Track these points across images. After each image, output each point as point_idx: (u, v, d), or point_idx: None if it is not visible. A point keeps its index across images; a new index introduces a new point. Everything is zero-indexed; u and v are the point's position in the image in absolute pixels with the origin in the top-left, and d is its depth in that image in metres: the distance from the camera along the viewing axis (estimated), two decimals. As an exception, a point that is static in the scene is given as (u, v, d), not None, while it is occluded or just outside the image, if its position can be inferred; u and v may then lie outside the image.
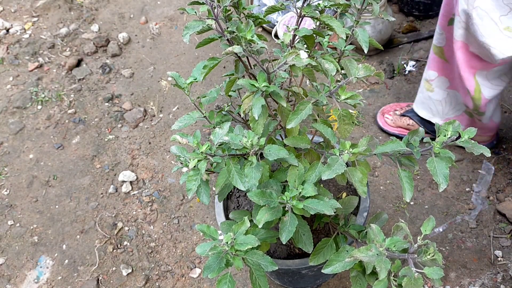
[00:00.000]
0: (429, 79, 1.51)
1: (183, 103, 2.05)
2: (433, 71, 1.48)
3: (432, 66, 1.48)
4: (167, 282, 1.50)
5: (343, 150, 0.76)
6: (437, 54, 1.43)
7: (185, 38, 0.72)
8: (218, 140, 0.73)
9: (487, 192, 1.58)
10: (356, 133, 1.83)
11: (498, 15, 1.11)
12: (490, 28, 1.13)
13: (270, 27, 2.26)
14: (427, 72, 1.52)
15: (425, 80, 1.54)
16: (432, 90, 1.52)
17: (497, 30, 1.13)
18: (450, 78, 1.45)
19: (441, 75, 1.46)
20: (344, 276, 1.44)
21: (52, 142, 1.95)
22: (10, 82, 2.21)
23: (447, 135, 0.74)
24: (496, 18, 1.12)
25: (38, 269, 1.57)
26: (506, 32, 1.13)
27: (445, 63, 1.42)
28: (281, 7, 0.84)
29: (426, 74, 1.53)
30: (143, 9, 2.56)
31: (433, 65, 1.47)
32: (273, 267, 0.76)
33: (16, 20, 2.55)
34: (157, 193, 1.73)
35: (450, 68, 1.42)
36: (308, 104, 0.76)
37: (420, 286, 0.67)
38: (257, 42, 0.72)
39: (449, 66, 1.41)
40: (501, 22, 1.12)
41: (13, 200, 1.77)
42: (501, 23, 1.12)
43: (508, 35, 1.13)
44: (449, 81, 1.46)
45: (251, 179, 0.74)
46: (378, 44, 0.92)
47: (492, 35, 1.14)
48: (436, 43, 1.43)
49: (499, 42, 1.14)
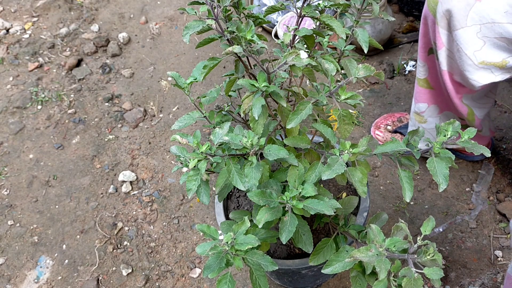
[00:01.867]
0: (420, 112, 1.49)
1: (183, 103, 2.05)
2: (422, 103, 1.46)
3: (420, 99, 1.46)
4: (167, 282, 1.50)
5: (343, 150, 0.76)
6: (422, 86, 1.43)
7: (185, 38, 0.72)
8: (218, 140, 0.73)
9: (487, 192, 1.58)
10: (356, 133, 1.83)
11: (472, 51, 1.14)
12: (466, 63, 1.16)
13: (270, 27, 2.26)
14: (415, 105, 1.50)
15: (415, 114, 1.52)
16: (425, 122, 1.51)
17: (472, 65, 1.16)
18: (440, 102, 1.44)
19: (431, 104, 1.45)
20: (344, 276, 1.44)
21: (52, 142, 1.95)
22: (10, 82, 2.21)
23: (447, 135, 0.74)
24: (471, 54, 1.14)
25: (38, 269, 1.57)
26: (481, 65, 1.16)
27: (432, 91, 1.42)
28: (281, 7, 0.84)
29: (415, 107, 1.51)
30: (143, 9, 2.56)
31: (421, 97, 1.46)
32: (273, 267, 0.76)
33: (16, 20, 2.55)
34: (157, 193, 1.73)
35: (437, 94, 1.42)
36: (308, 104, 0.76)
37: (420, 286, 0.67)
38: (257, 42, 0.72)
39: (436, 92, 1.41)
40: (475, 57, 1.14)
41: (13, 200, 1.77)
42: (475, 59, 1.15)
43: (484, 67, 1.16)
44: (439, 107, 1.45)
45: (251, 179, 0.74)
46: (378, 44, 0.92)
47: (469, 70, 1.17)
48: (420, 76, 1.42)
49: (475, 74, 1.18)
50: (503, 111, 1.82)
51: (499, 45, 1.11)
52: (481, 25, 1.08)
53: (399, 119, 1.80)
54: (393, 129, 1.76)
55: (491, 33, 1.09)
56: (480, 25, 1.09)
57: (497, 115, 1.80)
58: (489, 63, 1.15)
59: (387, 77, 2.03)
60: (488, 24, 1.07)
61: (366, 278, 0.78)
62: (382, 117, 1.83)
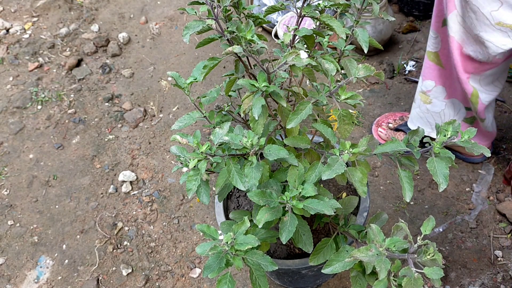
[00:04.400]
0: (426, 90, 1.47)
1: (183, 103, 2.05)
2: (430, 80, 1.44)
3: (428, 75, 1.44)
4: (167, 282, 1.50)
5: (343, 150, 0.76)
6: (433, 60, 1.40)
7: (185, 38, 0.72)
8: (218, 140, 0.73)
9: (487, 192, 1.58)
10: (356, 133, 1.83)
11: (489, 10, 1.11)
12: (483, 23, 1.14)
13: (270, 27, 2.26)
14: (423, 83, 1.48)
15: (421, 93, 1.50)
16: (430, 102, 1.49)
17: (489, 25, 1.13)
18: (448, 86, 1.42)
19: (438, 84, 1.43)
20: (344, 276, 1.44)
21: (52, 142, 1.95)
22: (10, 82, 2.21)
23: (447, 135, 0.74)
24: (487, 13, 1.12)
25: (38, 269, 1.57)
26: (498, 26, 1.13)
27: (442, 69, 1.39)
28: (281, 7, 0.84)
29: (422, 85, 1.49)
30: (143, 9, 2.56)
31: (429, 73, 1.43)
32: (273, 267, 0.76)
33: (16, 20, 2.55)
34: (157, 193, 1.73)
35: (447, 75, 1.39)
36: (308, 104, 0.76)
37: (420, 286, 0.66)
38: (257, 42, 0.72)
39: (446, 72, 1.39)
40: (492, 17, 1.12)
41: (13, 200, 1.77)
42: (492, 19, 1.12)
43: (501, 29, 1.13)
44: (446, 91, 1.43)
45: (251, 179, 0.74)
46: (378, 44, 0.92)
47: (486, 30, 1.14)
48: (431, 49, 1.39)
49: (492, 35, 1.15)
50: (503, 111, 1.82)
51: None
52: None
53: (400, 118, 1.80)
54: (395, 126, 1.76)
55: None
56: None
57: (497, 115, 1.80)
58: (506, 25, 1.11)
59: (387, 77, 2.03)
60: None
61: (366, 278, 0.78)
62: (384, 115, 1.82)
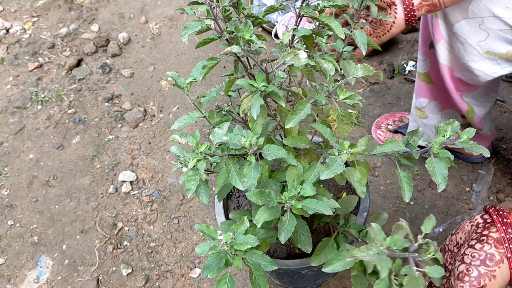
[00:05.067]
0: (421, 107, 1.48)
1: (183, 103, 2.05)
2: (423, 98, 1.45)
3: (421, 93, 1.44)
4: (167, 282, 1.50)
5: (341, 150, 0.76)
6: (424, 80, 1.41)
7: (184, 38, 0.72)
8: (217, 140, 0.73)
9: (487, 192, 1.58)
10: (356, 133, 1.83)
11: (476, 41, 1.11)
12: (471, 53, 1.13)
13: (270, 27, 2.26)
14: (416, 100, 1.48)
15: (416, 108, 1.50)
16: (426, 117, 1.49)
17: (478, 55, 1.13)
18: (441, 99, 1.42)
19: (432, 100, 1.43)
20: (344, 276, 1.44)
21: (52, 142, 1.95)
22: (10, 82, 2.21)
23: (446, 136, 0.74)
24: (475, 44, 1.11)
25: (38, 269, 1.57)
26: (487, 55, 1.12)
27: (433, 86, 1.40)
28: (280, 7, 0.84)
29: (416, 102, 1.49)
30: (143, 9, 2.56)
31: (421, 92, 1.44)
32: (272, 267, 0.76)
33: (16, 20, 2.55)
34: (157, 193, 1.73)
35: (439, 90, 1.39)
36: (307, 104, 0.76)
37: (420, 285, 0.66)
38: (256, 42, 0.72)
39: (438, 88, 1.39)
40: (480, 47, 1.11)
41: (13, 200, 1.77)
42: (480, 49, 1.11)
43: (490, 58, 1.13)
44: (441, 104, 1.43)
45: (250, 179, 0.74)
46: (377, 45, 0.92)
47: (474, 59, 1.14)
48: (421, 71, 1.40)
49: (481, 64, 1.14)
50: (503, 111, 1.82)
51: (504, 37, 1.08)
52: (483, 18, 1.06)
53: (400, 119, 1.79)
54: (394, 128, 1.76)
55: (494, 26, 1.06)
56: (481, 17, 1.06)
57: (497, 115, 1.80)
58: (494, 54, 1.11)
59: (387, 77, 2.03)
60: (489, 17, 1.05)
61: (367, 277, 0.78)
62: (383, 116, 1.82)
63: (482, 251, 0.72)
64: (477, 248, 0.72)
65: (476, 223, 0.77)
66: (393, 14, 1.00)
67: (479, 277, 0.70)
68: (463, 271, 0.72)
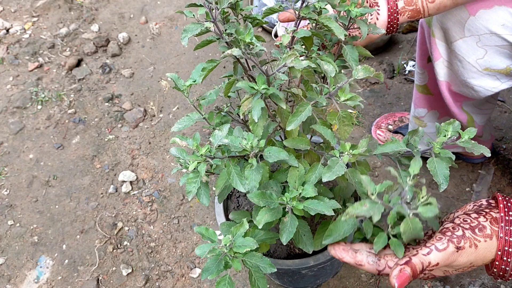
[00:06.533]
0: (420, 116, 1.48)
1: (183, 103, 2.05)
2: (422, 108, 1.45)
3: (420, 104, 1.45)
4: (167, 282, 1.50)
5: (343, 151, 0.76)
6: (422, 92, 1.41)
7: (183, 41, 0.72)
8: (217, 142, 0.73)
9: (487, 192, 1.58)
10: (356, 133, 1.83)
11: (474, 59, 1.10)
12: (470, 71, 1.13)
13: (270, 27, 2.26)
14: (415, 110, 1.48)
15: (415, 118, 1.51)
16: (425, 125, 1.50)
17: (477, 72, 1.13)
18: (439, 108, 1.43)
19: (430, 109, 1.44)
20: (344, 276, 1.44)
21: (52, 142, 1.95)
22: (10, 82, 2.21)
23: (447, 135, 0.74)
24: (473, 61, 1.11)
25: (38, 269, 1.57)
26: (486, 72, 1.12)
27: (432, 96, 1.40)
28: (279, 9, 0.84)
29: (414, 112, 1.50)
30: (143, 9, 2.56)
31: (420, 102, 1.44)
32: (271, 270, 0.76)
33: (16, 20, 2.55)
34: (157, 193, 1.73)
35: (437, 100, 1.39)
36: (308, 106, 0.76)
37: (420, 230, 0.64)
38: (256, 45, 0.72)
39: (436, 98, 1.39)
40: (479, 65, 1.11)
41: (13, 200, 1.77)
42: (479, 66, 1.11)
43: (489, 74, 1.13)
44: (439, 112, 1.44)
45: (251, 181, 0.74)
46: (368, 52, 0.91)
47: (473, 76, 1.14)
48: (419, 83, 1.40)
49: (481, 80, 1.14)
50: (503, 111, 1.82)
51: (502, 52, 1.08)
52: (480, 36, 1.06)
53: (400, 119, 1.79)
54: (394, 129, 1.76)
55: (491, 42, 1.06)
56: (478, 35, 1.06)
57: (497, 115, 1.80)
58: (493, 70, 1.12)
59: (387, 77, 2.02)
60: (486, 34, 1.05)
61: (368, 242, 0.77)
62: (383, 116, 1.82)
63: (476, 220, 0.68)
64: (472, 216, 0.69)
65: (479, 204, 0.75)
66: (375, 15, 0.98)
67: (461, 238, 0.66)
68: (448, 228, 0.68)
